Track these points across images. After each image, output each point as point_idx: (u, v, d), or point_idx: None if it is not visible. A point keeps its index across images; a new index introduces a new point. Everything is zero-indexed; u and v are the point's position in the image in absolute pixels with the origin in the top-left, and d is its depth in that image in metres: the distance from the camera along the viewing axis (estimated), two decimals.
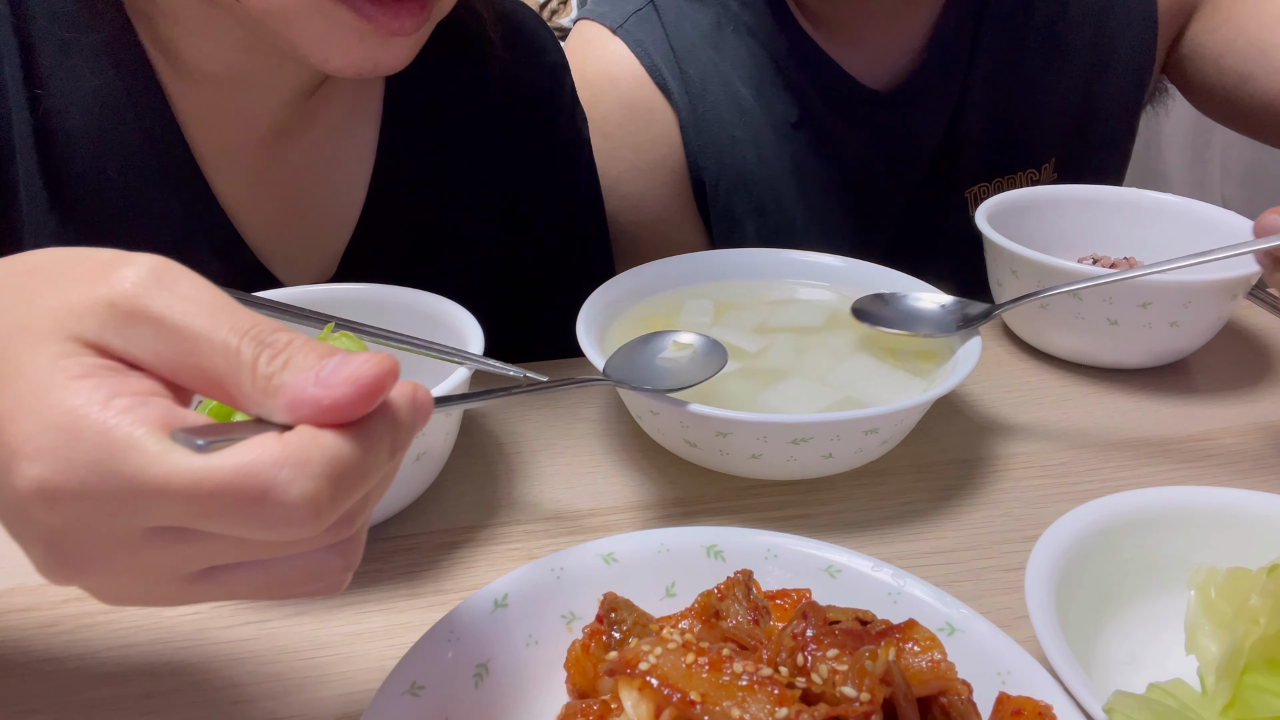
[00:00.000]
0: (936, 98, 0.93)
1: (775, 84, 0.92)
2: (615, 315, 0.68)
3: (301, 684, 0.47)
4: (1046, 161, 0.99)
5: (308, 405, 0.29)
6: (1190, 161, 1.92)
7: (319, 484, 0.28)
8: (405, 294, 0.64)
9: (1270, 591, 0.42)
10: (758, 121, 0.92)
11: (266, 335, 0.30)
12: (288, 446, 0.28)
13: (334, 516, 0.30)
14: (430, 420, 0.53)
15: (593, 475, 0.63)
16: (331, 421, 0.29)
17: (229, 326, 0.30)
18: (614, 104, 0.92)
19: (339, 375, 0.29)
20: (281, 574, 0.32)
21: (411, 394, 0.32)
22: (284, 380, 0.29)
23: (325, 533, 0.31)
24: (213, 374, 0.30)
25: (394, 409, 0.31)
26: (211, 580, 0.32)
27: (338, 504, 0.29)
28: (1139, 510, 0.50)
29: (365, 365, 0.29)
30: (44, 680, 0.47)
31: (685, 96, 0.92)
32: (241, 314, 0.30)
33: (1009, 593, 0.52)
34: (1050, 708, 0.38)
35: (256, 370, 0.29)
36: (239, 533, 0.29)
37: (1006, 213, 0.80)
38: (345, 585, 0.34)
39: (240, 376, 0.29)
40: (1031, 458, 0.65)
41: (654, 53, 0.92)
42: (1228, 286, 0.69)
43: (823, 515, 0.59)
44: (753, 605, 0.42)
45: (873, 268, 0.73)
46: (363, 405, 0.29)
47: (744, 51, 0.92)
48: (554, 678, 0.43)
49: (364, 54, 0.56)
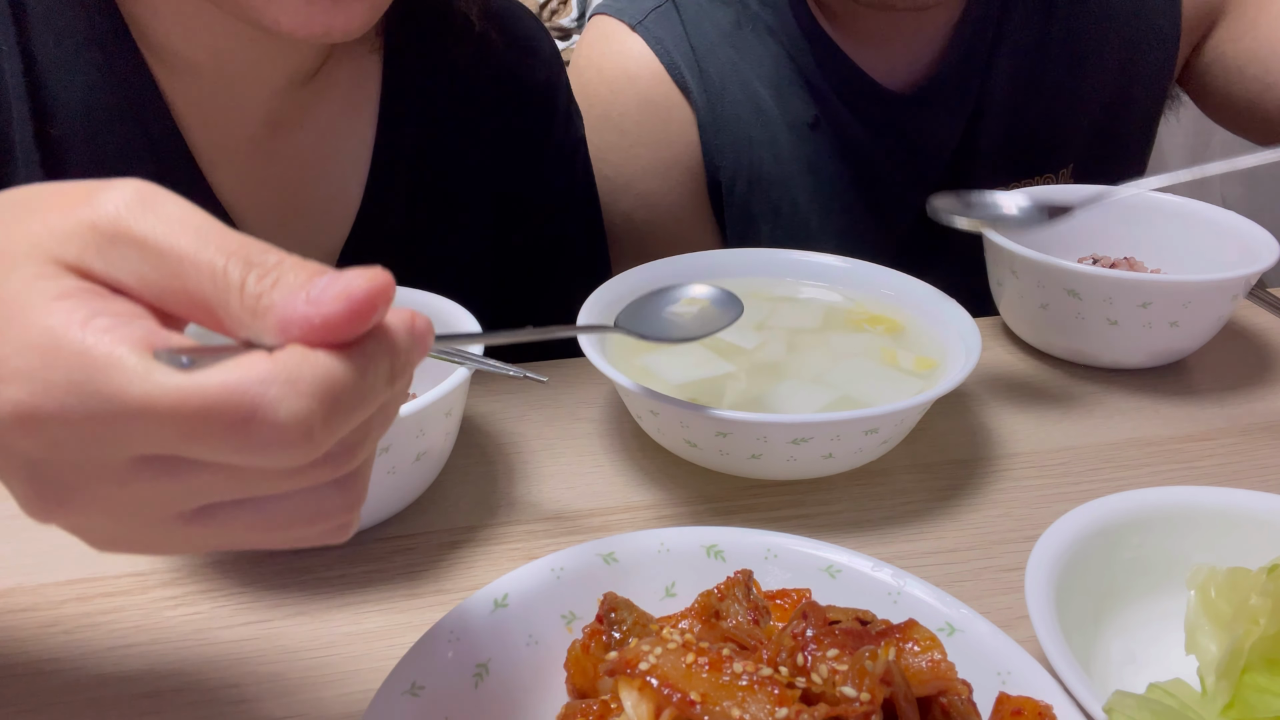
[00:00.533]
0: (955, 100, 0.93)
1: (794, 84, 0.92)
2: (615, 315, 0.68)
3: (301, 684, 0.47)
4: (1065, 167, 0.99)
5: (298, 324, 0.27)
6: (1190, 161, 1.91)
7: (310, 403, 0.27)
8: (405, 293, 0.64)
9: (1270, 591, 0.42)
10: (775, 122, 0.92)
11: (255, 255, 0.28)
12: (277, 364, 0.27)
13: (329, 441, 0.28)
14: (430, 420, 0.54)
15: (593, 475, 0.63)
16: (324, 341, 0.28)
17: (216, 247, 0.28)
18: (632, 101, 0.92)
19: (330, 292, 0.27)
20: (281, 513, 0.31)
21: (410, 320, 0.30)
22: (273, 299, 0.28)
23: (324, 465, 0.30)
24: (199, 296, 0.28)
25: (390, 332, 0.29)
26: (207, 521, 0.30)
27: (332, 427, 0.28)
28: (1139, 510, 0.50)
29: (358, 280, 0.28)
30: (44, 680, 0.47)
31: (704, 95, 0.91)
32: (229, 235, 0.28)
33: (1009, 593, 0.52)
34: (1050, 708, 0.38)
35: (244, 290, 0.28)
36: (228, 457, 0.27)
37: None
38: (351, 531, 0.33)
39: (228, 298, 0.28)
40: (1031, 458, 0.65)
41: (673, 50, 0.91)
42: (1228, 286, 0.69)
43: (823, 515, 0.59)
44: (753, 605, 0.42)
45: (875, 268, 0.73)
46: (356, 323, 0.28)
47: (763, 51, 0.92)
48: (554, 678, 0.43)
49: (312, 15, 0.56)
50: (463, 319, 0.60)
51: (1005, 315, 0.79)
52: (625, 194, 0.93)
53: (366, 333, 0.29)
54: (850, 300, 0.72)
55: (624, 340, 0.66)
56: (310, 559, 0.55)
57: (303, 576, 0.54)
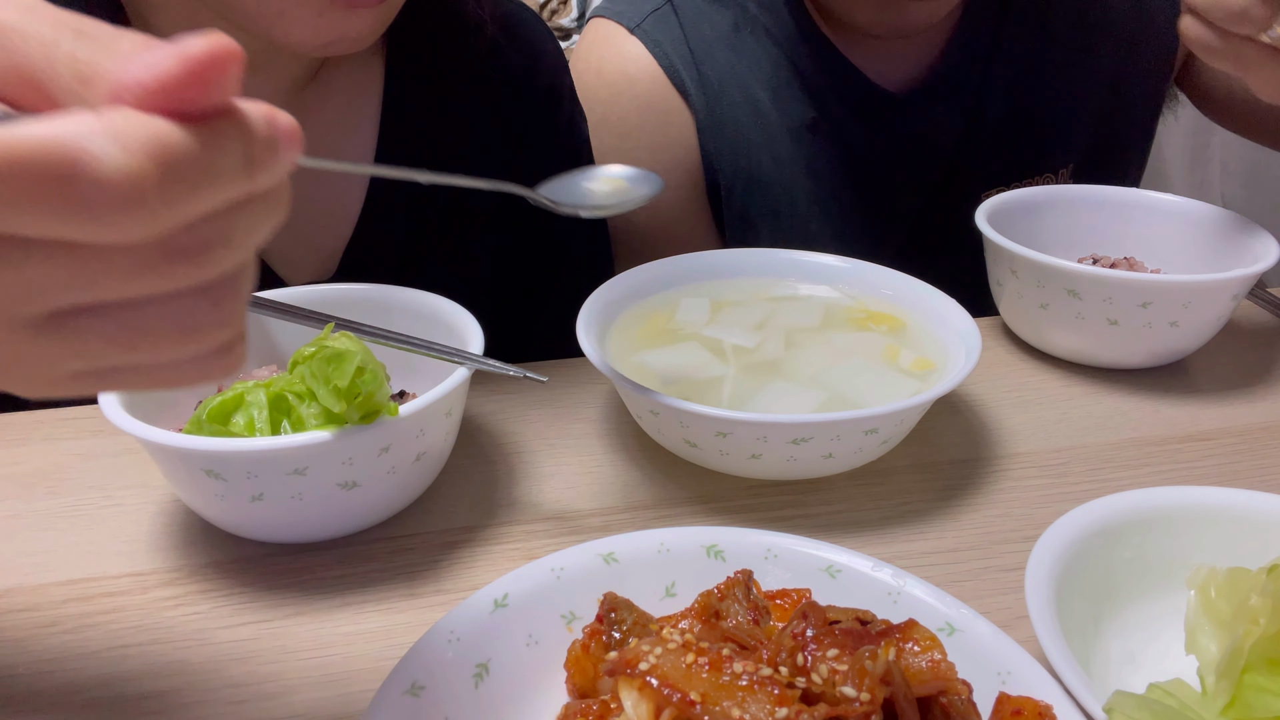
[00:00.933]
0: (954, 101, 0.93)
1: (792, 86, 0.92)
2: (615, 315, 0.68)
3: (301, 684, 0.47)
4: (1064, 167, 0.98)
5: (130, 89, 0.25)
6: (1190, 161, 1.91)
7: (140, 160, 0.24)
8: (406, 294, 0.64)
9: (1270, 591, 0.42)
10: (773, 124, 0.92)
11: (88, 26, 0.26)
12: (103, 118, 0.24)
13: (168, 215, 0.26)
14: (430, 420, 0.54)
15: (593, 475, 0.63)
16: (160, 108, 0.25)
17: (47, 19, 0.26)
18: (630, 104, 0.92)
19: (165, 53, 0.25)
20: (142, 324, 0.28)
21: (269, 113, 0.28)
22: (105, 65, 0.25)
23: (177, 260, 0.27)
24: (27, 71, 0.26)
25: (243, 114, 0.27)
26: (60, 331, 0.28)
27: (169, 198, 0.25)
28: (1139, 510, 0.50)
29: (194, 41, 0.25)
30: (44, 680, 0.47)
31: (702, 97, 0.91)
32: (63, 12, 0.26)
33: (1009, 593, 0.52)
34: (1050, 708, 0.38)
35: (75, 58, 0.26)
36: (55, 227, 0.25)
37: (1007, 213, 0.80)
38: (235, 362, 0.30)
39: (55, 68, 0.26)
40: (1031, 458, 0.65)
41: (671, 53, 0.91)
42: (1228, 286, 0.69)
43: (823, 515, 0.59)
44: (753, 605, 0.42)
45: (875, 268, 0.73)
46: (195, 86, 0.25)
47: (761, 54, 0.92)
48: (554, 678, 0.43)
49: (324, 26, 0.55)
50: (466, 322, 0.60)
51: (1005, 315, 0.79)
52: None
53: (216, 112, 0.26)
54: (850, 299, 0.72)
55: (624, 340, 0.66)
56: (310, 559, 0.55)
57: (303, 576, 0.54)
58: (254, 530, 0.54)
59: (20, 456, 0.64)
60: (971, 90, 0.93)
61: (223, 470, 0.49)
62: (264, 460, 0.49)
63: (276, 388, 0.53)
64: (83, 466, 0.63)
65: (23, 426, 0.67)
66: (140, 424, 0.50)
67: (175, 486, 0.54)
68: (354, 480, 0.52)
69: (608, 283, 0.69)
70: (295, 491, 0.51)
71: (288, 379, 0.53)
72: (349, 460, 0.51)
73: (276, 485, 0.50)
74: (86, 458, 0.64)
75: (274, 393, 0.53)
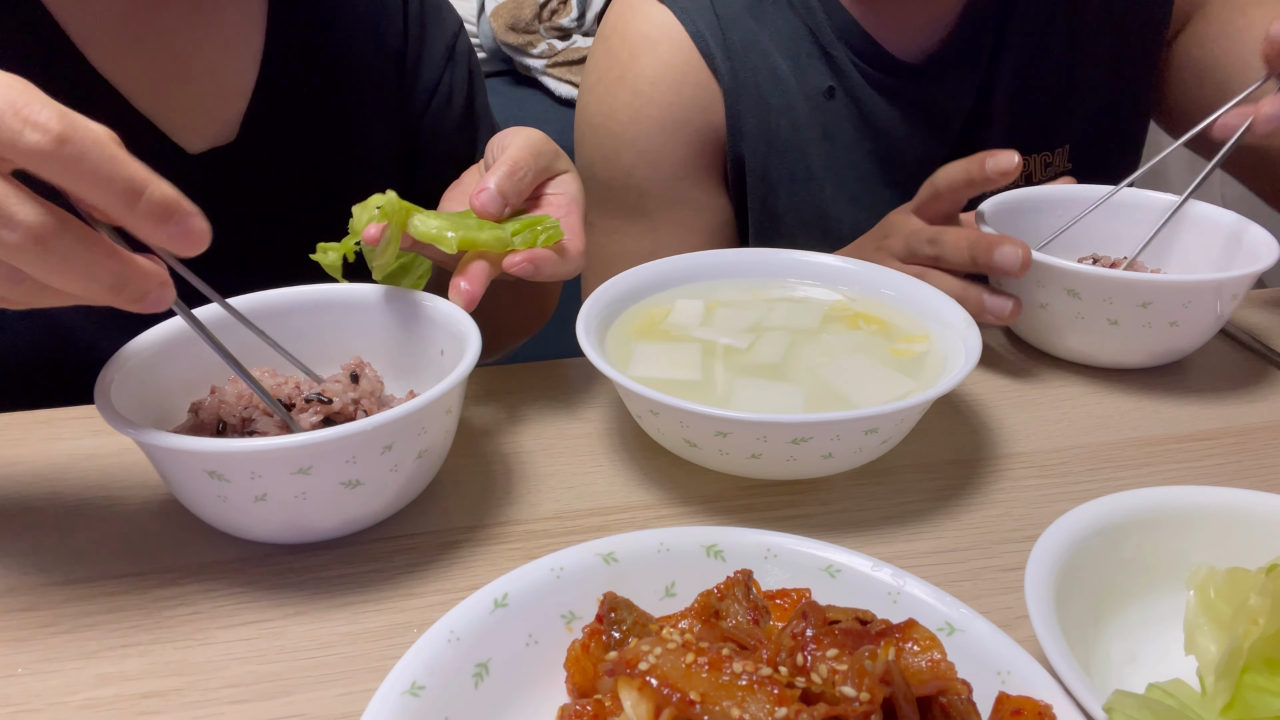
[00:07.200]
0: (965, 70, 0.95)
1: (811, 55, 0.95)
2: (615, 315, 0.68)
3: (301, 684, 0.47)
4: (1062, 146, 1.01)
5: None
6: (1190, 161, 1.91)
7: None
8: (405, 294, 0.64)
9: (1270, 591, 0.42)
10: (792, 91, 0.95)
11: None
12: None
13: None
14: (430, 420, 0.54)
15: (593, 475, 0.63)
16: None
17: None
18: (648, 63, 0.95)
19: None
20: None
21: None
22: None
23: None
24: None
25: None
26: None
27: None
28: (1139, 510, 0.50)
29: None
30: (44, 680, 0.47)
31: (728, 63, 0.94)
32: None
33: (1009, 593, 0.52)
34: (1050, 708, 0.38)
35: None
36: None
37: (1007, 213, 0.80)
38: (135, 296, 0.42)
39: None
40: (1031, 458, 0.65)
41: (698, 19, 0.94)
42: (1228, 286, 0.69)
43: (823, 515, 0.59)
44: (753, 605, 0.42)
45: (874, 268, 0.73)
46: None
47: (782, 23, 0.95)
48: (554, 678, 0.43)
49: None
50: (462, 319, 0.60)
51: None
52: (628, 150, 0.96)
53: None
54: (849, 299, 0.72)
55: (624, 340, 0.66)
56: (310, 559, 0.55)
57: (303, 576, 0.54)
58: (256, 531, 0.54)
59: (20, 456, 0.64)
60: (982, 61, 0.95)
61: (225, 471, 0.49)
62: (268, 460, 0.49)
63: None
64: (83, 466, 0.63)
65: (23, 426, 0.67)
66: (139, 429, 0.50)
67: (174, 488, 0.54)
68: (357, 479, 0.52)
69: (608, 283, 0.69)
70: (299, 491, 0.51)
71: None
72: (352, 458, 0.51)
73: (281, 485, 0.50)
74: (86, 458, 0.64)
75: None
